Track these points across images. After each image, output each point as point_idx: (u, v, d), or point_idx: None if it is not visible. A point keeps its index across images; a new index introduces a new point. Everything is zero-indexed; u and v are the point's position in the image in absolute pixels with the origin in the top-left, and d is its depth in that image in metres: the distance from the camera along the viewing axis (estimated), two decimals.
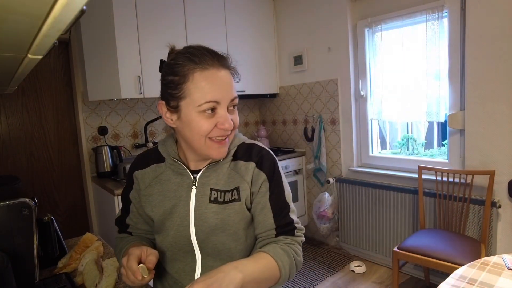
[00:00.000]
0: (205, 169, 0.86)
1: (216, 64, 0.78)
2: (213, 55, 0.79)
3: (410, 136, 2.88)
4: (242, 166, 0.85)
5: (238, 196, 0.84)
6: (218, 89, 0.76)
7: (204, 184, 0.85)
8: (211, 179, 0.85)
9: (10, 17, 0.40)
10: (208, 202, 0.83)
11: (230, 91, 0.79)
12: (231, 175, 0.85)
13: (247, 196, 0.84)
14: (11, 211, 0.87)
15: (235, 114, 0.82)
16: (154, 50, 2.53)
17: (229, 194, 0.84)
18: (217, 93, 0.76)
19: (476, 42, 2.09)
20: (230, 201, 0.83)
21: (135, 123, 2.88)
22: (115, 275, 1.02)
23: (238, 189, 0.84)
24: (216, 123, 0.77)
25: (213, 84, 0.76)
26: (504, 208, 2.11)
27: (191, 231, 0.83)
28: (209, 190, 0.84)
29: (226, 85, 0.78)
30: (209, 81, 0.76)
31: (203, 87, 0.76)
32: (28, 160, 2.53)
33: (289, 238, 0.84)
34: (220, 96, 0.76)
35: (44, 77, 2.56)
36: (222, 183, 0.85)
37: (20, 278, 0.87)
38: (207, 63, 0.77)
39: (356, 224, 2.89)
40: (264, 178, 0.85)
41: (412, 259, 2.00)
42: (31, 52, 0.60)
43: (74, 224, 2.73)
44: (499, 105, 2.05)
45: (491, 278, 1.24)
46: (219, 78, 0.77)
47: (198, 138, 0.78)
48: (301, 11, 3.12)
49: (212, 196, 0.84)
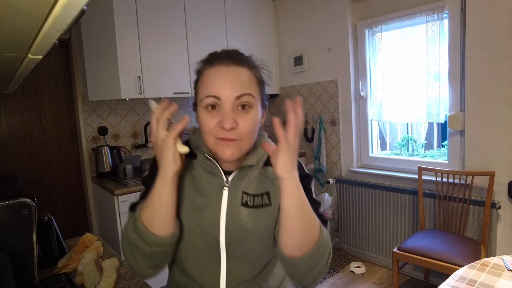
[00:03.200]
0: (237, 172, 0.83)
1: (225, 61, 0.76)
2: (227, 54, 0.77)
3: (410, 137, 2.88)
4: (272, 172, 0.80)
5: (269, 201, 0.82)
6: (219, 84, 0.74)
7: (236, 186, 0.82)
8: (243, 182, 0.83)
9: (11, 17, 0.40)
10: (240, 204, 0.81)
11: (235, 87, 0.74)
12: (261, 180, 0.84)
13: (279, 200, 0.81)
14: (11, 211, 0.87)
15: (246, 118, 0.75)
16: (155, 50, 2.53)
17: (258, 198, 0.82)
18: (217, 88, 0.74)
19: (476, 43, 2.09)
20: (260, 205, 0.81)
21: (135, 123, 2.88)
22: (114, 275, 1.02)
23: (269, 194, 0.82)
24: (218, 121, 0.74)
25: (216, 79, 0.74)
26: (504, 209, 2.11)
27: (221, 232, 0.81)
28: (241, 192, 0.82)
29: (230, 81, 0.74)
30: (212, 76, 0.75)
31: (207, 82, 0.75)
32: (28, 160, 2.53)
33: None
34: (221, 92, 0.73)
35: (44, 77, 2.57)
36: (252, 187, 0.83)
37: (19, 278, 0.87)
38: (216, 61, 0.76)
39: (356, 225, 2.89)
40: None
41: (412, 260, 1.99)
42: (31, 52, 0.60)
43: (74, 224, 2.73)
44: (499, 106, 2.05)
45: (491, 279, 1.24)
46: (224, 74, 0.74)
47: (207, 137, 0.77)
48: (301, 12, 3.12)
49: (244, 199, 0.82)
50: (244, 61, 0.77)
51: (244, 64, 0.77)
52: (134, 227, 0.76)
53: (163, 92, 2.62)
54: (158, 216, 0.74)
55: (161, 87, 2.60)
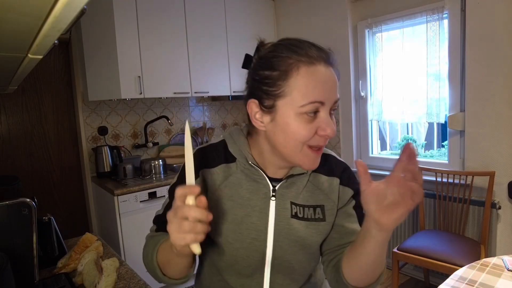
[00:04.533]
0: (285, 180, 0.76)
1: (322, 59, 0.66)
2: (319, 49, 0.69)
3: (410, 137, 2.88)
4: (325, 182, 0.78)
5: (323, 216, 0.76)
6: (324, 88, 0.65)
7: (284, 196, 0.75)
8: (290, 191, 0.76)
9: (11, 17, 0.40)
10: (290, 217, 0.75)
11: (336, 91, 0.68)
12: (312, 190, 0.77)
13: (333, 216, 0.78)
14: (11, 211, 0.87)
15: (334, 120, 0.69)
16: (155, 50, 2.53)
17: (309, 210, 0.76)
18: (323, 92, 0.65)
19: (476, 43, 2.09)
20: (313, 219, 0.76)
21: (135, 123, 2.88)
22: (114, 275, 1.02)
23: (323, 208, 0.77)
24: (317, 129, 0.66)
25: (319, 82, 0.65)
26: (504, 209, 2.11)
27: (268, 246, 0.74)
28: (290, 203, 0.75)
29: (333, 84, 0.66)
30: (315, 78, 0.64)
31: (308, 85, 0.64)
32: (28, 160, 2.53)
33: None
34: (326, 96, 0.65)
35: (44, 77, 2.57)
36: (301, 197, 0.76)
37: (19, 278, 0.87)
38: (314, 58, 0.66)
39: None
40: (351, 193, 0.79)
41: (412, 260, 1.99)
42: (31, 52, 0.60)
43: (74, 224, 2.73)
44: (499, 106, 2.05)
45: (490, 279, 1.24)
46: (326, 76, 0.66)
47: (294, 145, 0.67)
48: (302, 12, 3.12)
49: (293, 210, 0.75)
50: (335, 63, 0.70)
51: (335, 66, 0.69)
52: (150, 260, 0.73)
53: (163, 92, 2.62)
54: (173, 268, 0.70)
55: (161, 87, 2.60)
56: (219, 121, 3.40)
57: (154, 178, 2.51)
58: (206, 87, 2.82)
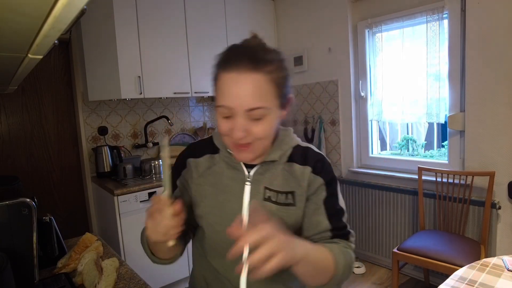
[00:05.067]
0: (260, 166, 0.83)
1: (242, 67, 0.70)
2: (244, 53, 0.72)
3: (410, 137, 2.88)
4: (298, 170, 0.83)
5: (293, 201, 0.82)
6: (232, 95, 0.71)
7: (258, 181, 0.83)
8: (265, 177, 0.83)
9: (11, 17, 0.40)
10: (263, 199, 0.82)
11: (248, 99, 0.70)
12: (286, 177, 0.83)
13: (303, 202, 0.83)
14: (11, 211, 0.87)
15: (259, 125, 0.73)
16: (155, 50, 2.53)
17: (282, 196, 0.82)
18: (229, 99, 0.71)
19: (476, 43, 2.09)
20: (284, 204, 0.82)
21: (135, 123, 2.88)
22: (114, 275, 1.02)
23: (294, 194, 0.82)
24: (231, 127, 0.73)
25: (228, 89, 0.71)
26: (504, 210, 2.11)
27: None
28: (263, 188, 0.82)
29: (242, 91, 0.70)
30: (226, 84, 0.72)
31: (221, 89, 0.73)
32: (28, 160, 2.53)
33: (343, 242, 0.81)
34: (233, 103, 0.71)
35: (44, 77, 2.57)
36: (276, 183, 0.82)
37: (19, 278, 0.87)
38: (233, 64, 0.71)
39: (356, 225, 2.88)
40: (321, 182, 0.83)
41: (412, 260, 1.99)
42: (31, 52, 0.60)
43: (74, 224, 2.73)
44: (499, 107, 2.05)
45: (490, 280, 1.24)
46: (237, 83, 0.70)
47: (224, 138, 0.78)
48: (302, 12, 3.12)
49: (266, 194, 0.82)
50: (262, 66, 0.71)
51: (261, 70, 0.71)
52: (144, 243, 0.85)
53: (163, 92, 2.62)
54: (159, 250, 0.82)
55: (161, 87, 2.60)
56: None
57: (154, 178, 2.51)
58: (206, 87, 2.82)
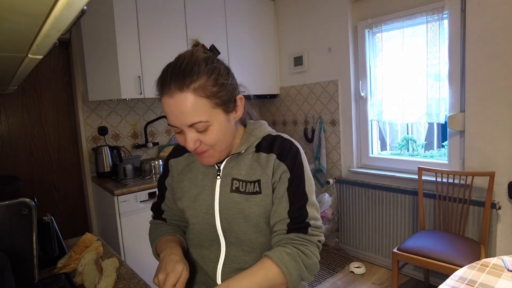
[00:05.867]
0: (228, 160, 0.89)
1: (171, 89, 0.75)
2: (171, 77, 0.75)
3: (410, 137, 2.88)
4: (264, 159, 0.87)
5: (259, 189, 0.85)
6: (171, 116, 0.77)
7: (227, 174, 0.88)
8: (233, 169, 0.88)
9: (11, 17, 0.40)
10: (230, 191, 0.86)
11: (183, 119, 0.76)
12: (253, 166, 0.87)
13: (269, 188, 0.85)
14: (11, 211, 0.87)
15: (207, 135, 0.79)
16: (155, 50, 2.53)
17: (250, 185, 0.85)
18: (172, 119, 0.78)
19: (476, 43, 2.09)
20: (251, 192, 0.85)
21: (135, 123, 2.88)
22: (114, 275, 1.02)
23: (260, 182, 0.85)
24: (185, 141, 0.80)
25: (168, 111, 0.78)
26: (504, 210, 2.11)
27: (216, 219, 0.87)
28: (231, 179, 0.87)
29: (177, 113, 0.76)
30: (165, 107, 0.78)
31: (165, 112, 0.79)
32: (28, 160, 2.52)
33: (300, 237, 0.81)
34: (176, 122, 0.78)
35: (44, 77, 2.56)
36: (243, 173, 0.86)
37: (19, 278, 0.87)
38: (165, 88, 0.76)
39: (356, 225, 2.89)
40: (285, 169, 0.84)
41: (411, 260, 1.99)
42: (31, 52, 0.60)
43: (74, 224, 2.73)
44: (499, 107, 2.05)
45: (490, 280, 1.24)
46: (171, 106, 0.76)
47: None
48: (302, 12, 3.12)
49: (234, 185, 0.86)
50: (188, 85, 0.74)
51: (188, 89, 0.74)
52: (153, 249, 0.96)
53: None
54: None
55: None
56: None
57: (154, 178, 2.51)
58: None
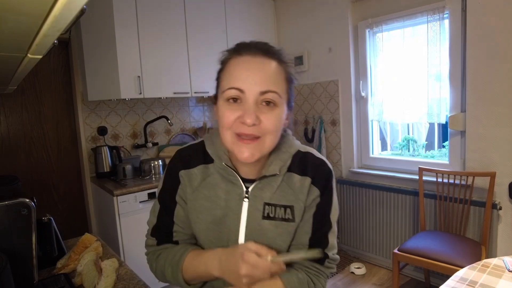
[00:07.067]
0: (259, 181, 0.77)
1: (253, 51, 0.69)
2: (256, 44, 0.71)
3: (411, 137, 2.88)
4: (297, 182, 0.77)
5: (292, 217, 0.76)
6: (244, 75, 0.67)
7: (257, 197, 0.76)
8: (264, 192, 0.76)
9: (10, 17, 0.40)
10: (262, 218, 0.76)
11: (261, 81, 0.67)
12: (284, 189, 0.77)
13: (302, 215, 0.78)
14: (10, 211, 0.87)
15: (269, 115, 0.69)
16: (154, 50, 2.53)
17: (281, 210, 0.76)
18: (242, 80, 0.67)
19: (477, 43, 2.09)
20: (283, 219, 0.76)
21: (135, 124, 2.88)
22: (114, 276, 1.02)
23: (293, 208, 0.76)
24: (239, 115, 0.68)
25: (241, 70, 0.68)
26: (505, 210, 2.10)
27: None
28: (263, 204, 0.76)
29: (257, 73, 0.68)
30: (238, 66, 0.69)
31: (231, 73, 0.69)
32: (27, 160, 2.52)
33: (316, 267, 0.78)
34: (245, 84, 0.67)
35: (43, 77, 2.56)
36: (274, 197, 0.77)
37: (18, 278, 0.86)
38: (244, 50, 0.70)
39: (356, 226, 2.88)
40: (317, 194, 0.78)
41: (412, 261, 1.99)
42: (31, 51, 0.60)
43: (73, 225, 2.73)
44: (500, 107, 2.05)
45: (491, 280, 1.23)
46: (251, 65, 0.68)
47: (225, 132, 0.71)
48: (302, 12, 3.12)
49: (265, 211, 0.76)
50: (274, 53, 0.71)
51: (274, 57, 0.71)
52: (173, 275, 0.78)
53: (163, 92, 2.62)
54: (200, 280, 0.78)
55: (161, 87, 2.59)
56: None
57: (154, 178, 2.50)
58: (206, 87, 2.82)
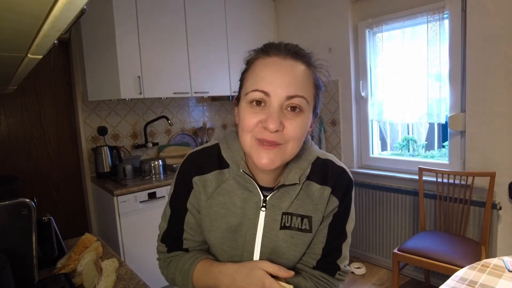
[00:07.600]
0: (277, 190, 0.74)
1: (283, 53, 0.66)
2: (286, 45, 0.67)
3: (411, 137, 2.88)
4: (317, 192, 0.75)
5: (309, 227, 0.74)
6: (271, 78, 0.63)
7: (275, 206, 0.73)
8: (283, 201, 0.74)
9: (11, 17, 0.40)
10: (279, 228, 0.73)
11: (289, 85, 0.63)
12: (302, 198, 0.74)
13: (317, 227, 0.76)
14: (10, 211, 0.87)
15: (294, 121, 0.65)
16: (154, 50, 2.53)
17: (297, 220, 0.74)
18: (268, 82, 0.63)
19: (477, 43, 2.09)
20: (299, 229, 0.74)
21: (135, 124, 2.88)
22: (114, 276, 1.02)
23: (311, 219, 0.74)
24: (262, 121, 0.64)
25: (268, 72, 0.64)
26: (505, 210, 2.10)
27: (254, 256, 0.75)
28: (281, 214, 0.73)
29: (284, 76, 0.64)
30: (265, 67, 0.65)
31: (257, 74, 0.66)
32: (28, 160, 2.52)
33: (325, 278, 0.76)
34: (271, 87, 0.63)
35: (44, 77, 2.56)
36: (293, 206, 0.74)
37: (19, 278, 0.86)
38: (273, 51, 0.66)
39: (356, 226, 2.88)
40: (336, 204, 0.76)
41: (412, 261, 1.99)
42: (31, 51, 0.60)
43: (73, 225, 2.73)
44: (499, 107, 2.05)
45: (491, 280, 1.23)
46: (279, 67, 0.64)
47: (245, 136, 0.67)
48: (302, 12, 3.12)
49: (283, 221, 0.73)
50: (304, 56, 0.68)
51: (304, 60, 0.67)
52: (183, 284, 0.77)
53: (163, 92, 2.62)
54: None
55: (161, 87, 2.59)
56: (219, 121, 3.40)
57: (154, 178, 2.50)
58: (206, 87, 2.82)
